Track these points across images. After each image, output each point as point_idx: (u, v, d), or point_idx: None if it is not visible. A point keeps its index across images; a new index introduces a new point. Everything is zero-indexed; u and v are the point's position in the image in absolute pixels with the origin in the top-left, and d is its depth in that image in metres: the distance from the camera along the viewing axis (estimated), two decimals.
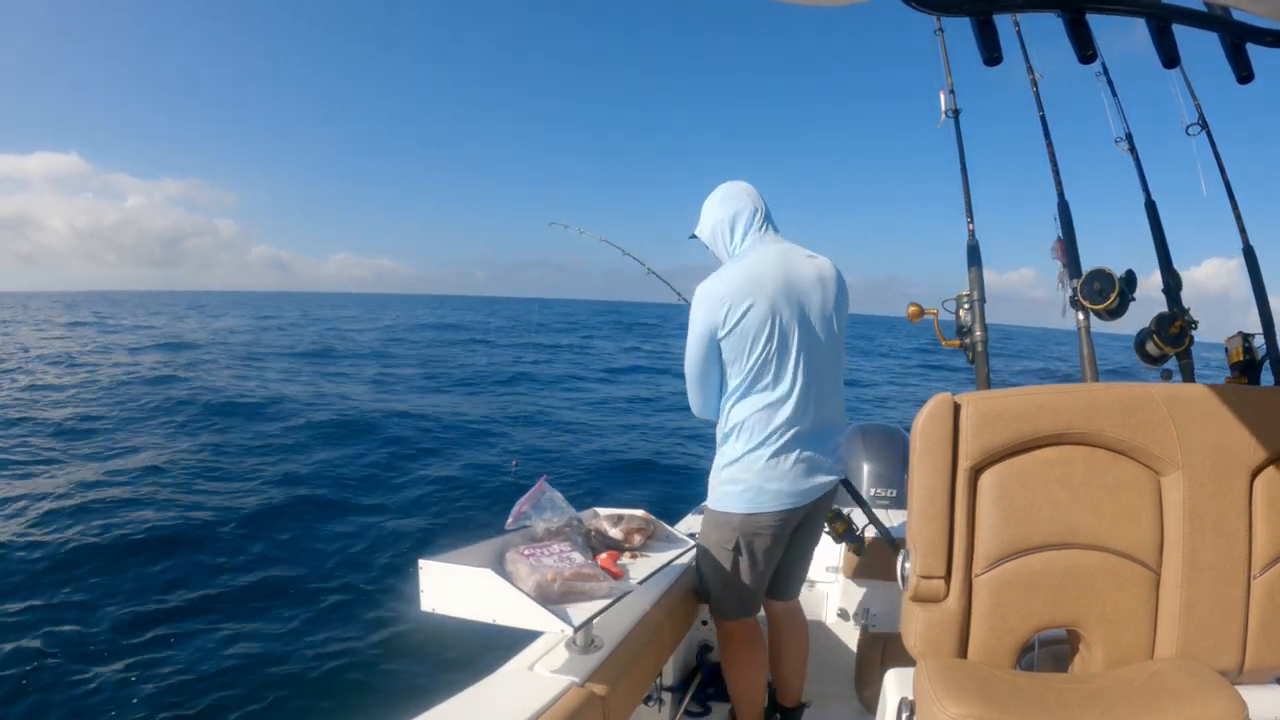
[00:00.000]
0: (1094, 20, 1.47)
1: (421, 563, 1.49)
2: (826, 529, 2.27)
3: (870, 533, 2.41)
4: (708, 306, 1.83)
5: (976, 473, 1.46)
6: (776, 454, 1.86)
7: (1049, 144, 2.37)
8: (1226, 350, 2.15)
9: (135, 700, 3.90)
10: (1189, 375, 2.16)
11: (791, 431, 1.86)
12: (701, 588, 2.09)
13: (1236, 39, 1.43)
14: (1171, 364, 2.18)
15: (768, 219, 1.99)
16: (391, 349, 25.56)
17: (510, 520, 1.74)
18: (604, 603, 1.51)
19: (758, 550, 1.93)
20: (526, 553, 1.60)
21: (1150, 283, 2.18)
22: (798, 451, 1.87)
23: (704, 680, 2.56)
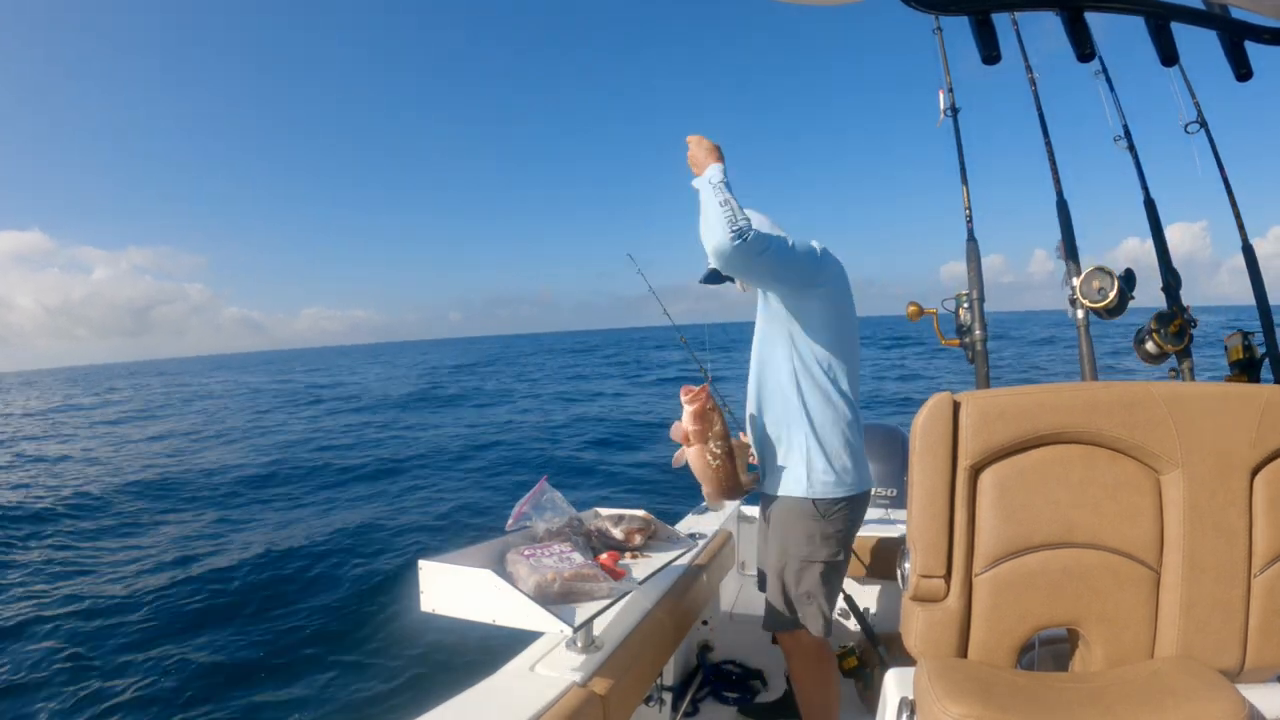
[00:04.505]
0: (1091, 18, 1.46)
1: (422, 563, 1.48)
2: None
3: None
4: None
5: (976, 472, 1.46)
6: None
7: (1047, 142, 2.37)
8: (1226, 348, 2.15)
9: (128, 698, 3.91)
10: (1189, 373, 2.16)
11: None
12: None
13: (1235, 37, 1.43)
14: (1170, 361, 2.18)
15: None
16: None
17: (511, 521, 1.74)
18: (604, 603, 1.51)
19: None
20: (527, 553, 1.60)
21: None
22: None
23: (704, 681, 2.56)
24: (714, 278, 2.09)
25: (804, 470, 1.87)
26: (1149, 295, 2.17)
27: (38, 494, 9.44)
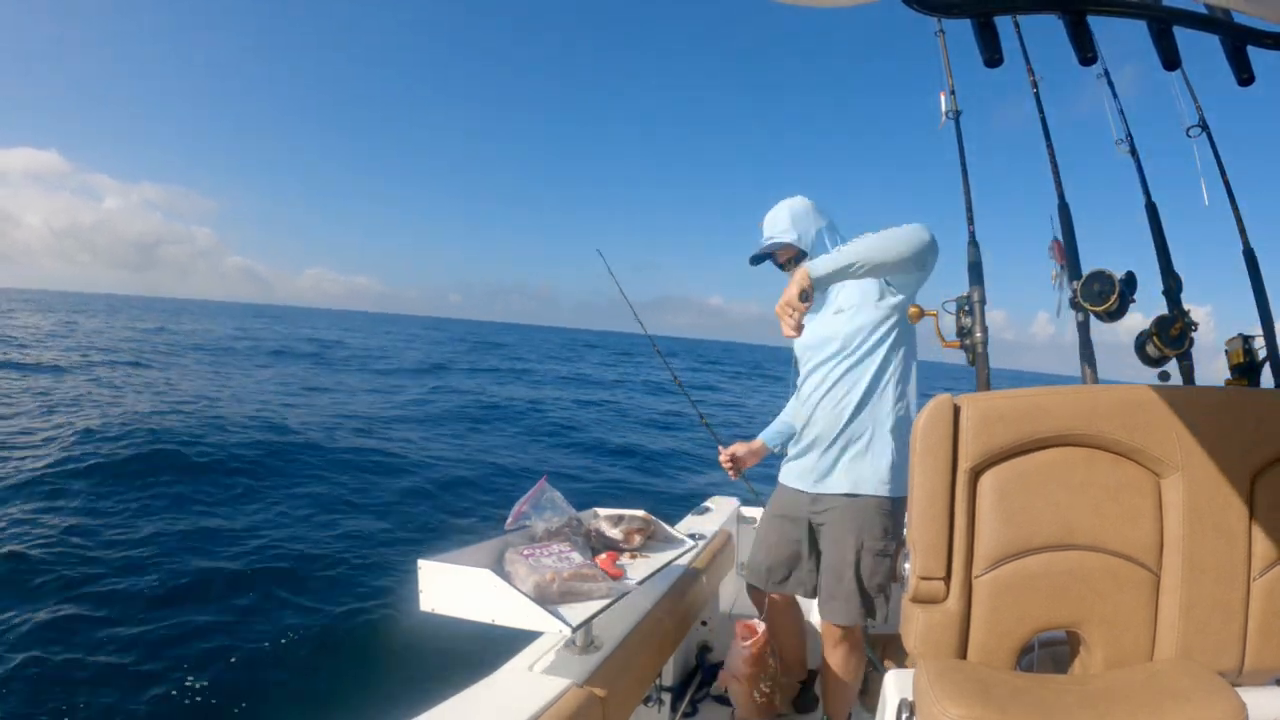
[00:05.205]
0: (1095, 23, 1.46)
1: (421, 563, 1.48)
2: None
3: None
4: None
5: (976, 474, 1.46)
6: None
7: (1049, 145, 2.37)
8: (1227, 352, 2.15)
9: (124, 695, 3.90)
10: (1188, 378, 2.16)
11: None
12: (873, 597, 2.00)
13: (1237, 41, 1.43)
14: (1170, 365, 2.17)
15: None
16: None
17: (510, 520, 1.74)
18: (603, 603, 1.51)
19: None
20: (526, 553, 1.60)
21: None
22: None
23: (703, 681, 2.56)
24: (767, 257, 2.13)
25: (888, 469, 1.95)
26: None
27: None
